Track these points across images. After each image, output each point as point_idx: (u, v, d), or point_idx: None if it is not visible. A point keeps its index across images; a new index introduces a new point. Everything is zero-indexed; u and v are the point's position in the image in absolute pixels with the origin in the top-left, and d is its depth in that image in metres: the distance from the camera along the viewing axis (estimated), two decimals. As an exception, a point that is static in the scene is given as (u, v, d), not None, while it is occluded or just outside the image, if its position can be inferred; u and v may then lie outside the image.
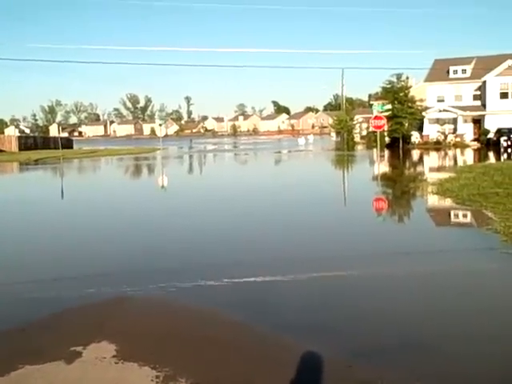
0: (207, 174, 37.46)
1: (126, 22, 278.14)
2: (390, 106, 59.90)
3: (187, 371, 5.80)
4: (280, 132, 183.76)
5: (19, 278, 9.87)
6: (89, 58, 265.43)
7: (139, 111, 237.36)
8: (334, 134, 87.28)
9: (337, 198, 20.91)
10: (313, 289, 8.84)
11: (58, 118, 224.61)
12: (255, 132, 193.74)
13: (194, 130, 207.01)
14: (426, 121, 61.56)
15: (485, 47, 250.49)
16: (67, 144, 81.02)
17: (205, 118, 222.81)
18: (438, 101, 62.06)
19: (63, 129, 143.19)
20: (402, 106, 59.46)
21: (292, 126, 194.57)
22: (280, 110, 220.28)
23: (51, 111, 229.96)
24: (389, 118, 53.49)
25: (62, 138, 70.25)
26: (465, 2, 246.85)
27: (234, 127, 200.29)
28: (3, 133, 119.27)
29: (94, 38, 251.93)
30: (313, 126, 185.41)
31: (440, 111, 60.90)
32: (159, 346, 6.49)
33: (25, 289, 9.14)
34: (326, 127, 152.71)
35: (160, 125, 70.13)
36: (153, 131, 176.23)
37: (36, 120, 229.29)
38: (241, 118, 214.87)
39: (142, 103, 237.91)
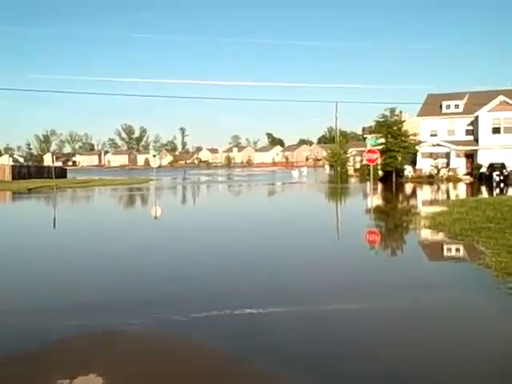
0: (200, 206, 37.42)
1: (122, 54, 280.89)
2: (383, 140, 60.37)
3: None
4: (274, 164, 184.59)
5: (5, 308, 9.76)
6: (85, 89, 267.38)
7: (134, 142, 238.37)
8: (327, 167, 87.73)
9: (329, 232, 20.89)
10: (303, 323, 8.77)
11: (53, 148, 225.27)
12: (249, 164, 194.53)
13: (189, 161, 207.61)
14: (419, 155, 61.98)
15: (477, 83, 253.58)
16: (61, 173, 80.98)
17: (199, 149, 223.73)
18: (431, 135, 62.60)
19: (57, 158, 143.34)
20: (395, 140, 59.98)
21: (286, 158, 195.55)
22: (274, 142, 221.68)
23: (46, 140, 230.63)
24: (382, 152, 53.90)
25: (55, 168, 70.24)
26: (458, 39, 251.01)
27: (228, 158, 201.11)
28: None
29: (90, 70, 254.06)
30: (307, 159, 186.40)
31: (433, 145, 61.37)
32: (147, 380, 6.40)
33: (12, 320, 9.03)
34: (319, 160, 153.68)
35: (154, 155, 70.27)
36: (147, 162, 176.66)
37: (30, 149, 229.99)
38: (235, 149, 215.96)
39: (136, 134, 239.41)
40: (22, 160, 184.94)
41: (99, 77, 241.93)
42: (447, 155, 61.26)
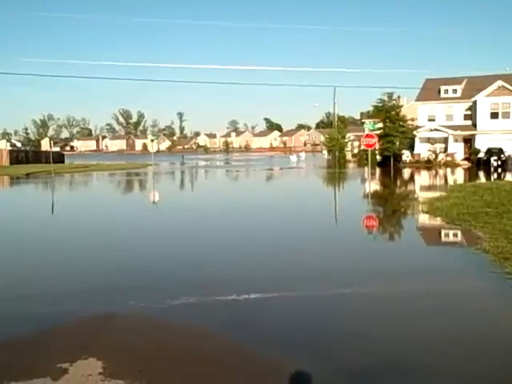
0: (198, 190, 37.45)
1: (120, 39, 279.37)
2: (381, 125, 60.30)
3: (174, 389, 5.78)
4: (272, 149, 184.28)
5: (6, 293, 9.80)
6: (82, 73, 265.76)
7: (132, 126, 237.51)
8: (325, 152, 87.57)
9: (327, 216, 20.94)
10: (302, 306, 8.84)
11: (50, 133, 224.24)
12: (247, 148, 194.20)
13: (187, 146, 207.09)
14: (417, 140, 61.94)
15: (475, 68, 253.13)
16: (59, 158, 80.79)
17: (197, 134, 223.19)
18: (429, 120, 62.50)
19: (55, 143, 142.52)
20: (393, 125, 59.92)
21: (284, 143, 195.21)
22: (272, 126, 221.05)
23: (43, 125, 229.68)
24: (380, 137, 53.86)
25: (53, 153, 69.95)
26: (456, 23, 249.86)
27: (226, 143, 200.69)
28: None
29: (87, 54, 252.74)
30: (305, 144, 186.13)
31: (431, 130, 61.31)
32: (147, 364, 6.45)
33: (12, 304, 9.08)
34: (317, 145, 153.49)
35: (152, 140, 70.05)
36: (145, 147, 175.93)
37: (28, 134, 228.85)
38: (233, 134, 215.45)
39: (134, 118, 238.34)
40: (19, 145, 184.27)
41: (97, 61, 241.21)
42: (445, 140, 61.22)
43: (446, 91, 62.55)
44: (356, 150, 74.27)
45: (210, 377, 6.14)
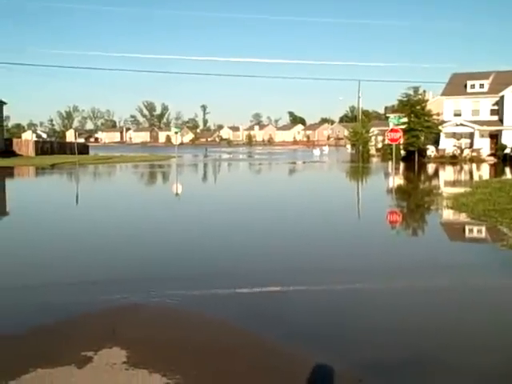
0: (221, 183, 37.51)
1: (145, 31, 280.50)
2: (406, 119, 59.82)
3: (197, 381, 5.79)
4: (295, 143, 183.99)
5: (34, 282, 9.92)
6: (107, 65, 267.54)
7: (155, 119, 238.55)
8: (349, 146, 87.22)
9: (350, 211, 20.85)
10: (328, 300, 8.81)
11: (75, 124, 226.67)
12: (270, 142, 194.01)
13: (210, 139, 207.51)
14: (442, 135, 61.34)
15: (503, 62, 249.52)
16: (83, 150, 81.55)
17: (220, 127, 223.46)
18: (455, 115, 61.84)
19: (80, 134, 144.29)
20: (418, 120, 59.39)
21: (307, 136, 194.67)
22: (296, 120, 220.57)
23: (68, 117, 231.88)
24: (405, 131, 53.37)
25: (78, 144, 70.67)
26: (483, 18, 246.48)
27: (249, 137, 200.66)
28: (20, 137, 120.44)
29: (113, 46, 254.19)
30: (328, 138, 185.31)
31: (457, 125, 60.65)
32: (170, 354, 6.49)
33: (39, 293, 9.19)
34: (341, 139, 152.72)
35: (176, 133, 70.16)
36: (168, 139, 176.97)
37: (53, 125, 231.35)
38: (256, 127, 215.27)
39: (158, 111, 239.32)
40: (44, 136, 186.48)
41: (122, 53, 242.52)
42: (471, 135, 60.53)
43: (473, 86, 61.79)
44: (380, 145, 73.79)
45: (232, 368, 6.15)
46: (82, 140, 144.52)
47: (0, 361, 6.33)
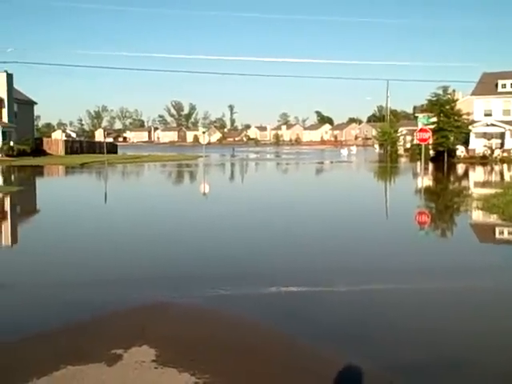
0: (248, 183, 37.54)
1: (172, 31, 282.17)
2: (435, 119, 59.16)
3: (227, 380, 5.79)
4: (323, 142, 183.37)
5: (65, 280, 10.04)
6: (136, 65, 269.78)
7: (183, 118, 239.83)
8: (377, 146, 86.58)
9: (379, 211, 20.69)
10: (361, 301, 8.76)
11: (104, 123, 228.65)
12: (298, 142, 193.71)
13: (237, 139, 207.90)
14: (472, 135, 60.51)
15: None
16: (112, 149, 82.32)
17: (248, 127, 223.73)
18: (486, 115, 60.96)
19: (108, 134, 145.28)
20: (447, 119, 58.71)
21: (335, 136, 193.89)
22: (323, 120, 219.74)
23: (97, 116, 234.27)
24: (434, 131, 52.75)
25: (107, 143, 71.42)
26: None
27: (276, 136, 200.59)
28: (50, 136, 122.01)
29: (141, 46, 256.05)
30: (356, 137, 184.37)
31: (487, 125, 59.79)
32: (199, 353, 6.50)
33: (70, 291, 9.29)
34: (369, 139, 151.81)
35: (203, 132, 70.47)
36: (196, 138, 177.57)
37: (82, 124, 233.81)
38: (283, 127, 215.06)
39: (186, 110, 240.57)
40: (74, 135, 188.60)
41: (150, 53, 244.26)
42: (502, 135, 59.60)
43: (504, 85, 60.84)
44: (408, 145, 73.11)
45: (261, 368, 6.14)
46: (110, 139, 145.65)
47: (32, 358, 6.41)
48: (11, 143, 61.92)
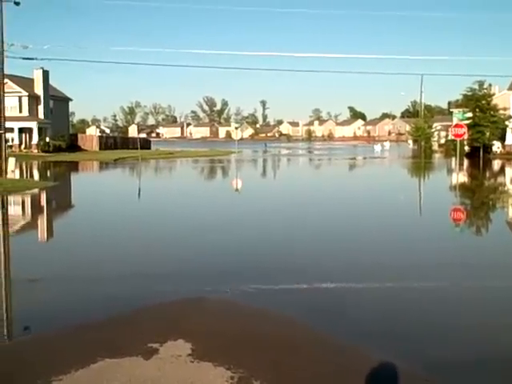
0: (280, 179, 37.52)
1: (204, 26, 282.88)
2: (471, 114, 58.28)
3: (262, 375, 5.80)
4: (355, 138, 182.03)
5: (102, 274, 10.18)
6: (169, 61, 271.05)
7: (215, 114, 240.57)
8: (411, 142, 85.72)
9: (412, 207, 20.49)
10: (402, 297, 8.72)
11: (137, 119, 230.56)
12: (330, 137, 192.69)
13: (269, 134, 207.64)
14: (508, 130, 59.44)
15: None
16: (145, 144, 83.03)
17: (280, 123, 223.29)
18: (523, 110, 59.82)
19: (141, 129, 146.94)
20: (483, 115, 57.79)
21: (368, 132, 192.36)
22: (356, 115, 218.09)
23: (131, 112, 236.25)
24: (469, 127, 51.98)
25: (140, 139, 72.13)
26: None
27: (308, 132, 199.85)
28: (85, 132, 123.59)
29: (173, 42, 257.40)
30: (389, 133, 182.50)
31: (525, 120, 58.67)
32: (235, 348, 6.53)
33: (106, 285, 9.42)
34: (402, 134, 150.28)
35: (236, 128, 70.74)
36: (228, 134, 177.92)
37: (116, 120, 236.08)
38: (316, 122, 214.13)
39: (218, 106, 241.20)
40: (108, 131, 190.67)
41: (183, 49, 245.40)
42: (539, 131, 58.47)
43: (542, 80, 59.65)
44: (443, 141, 72.20)
45: (295, 363, 6.13)
46: (143, 135, 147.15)
47: (71, 350, 6.51)
48: (47, 139, 62.98)
